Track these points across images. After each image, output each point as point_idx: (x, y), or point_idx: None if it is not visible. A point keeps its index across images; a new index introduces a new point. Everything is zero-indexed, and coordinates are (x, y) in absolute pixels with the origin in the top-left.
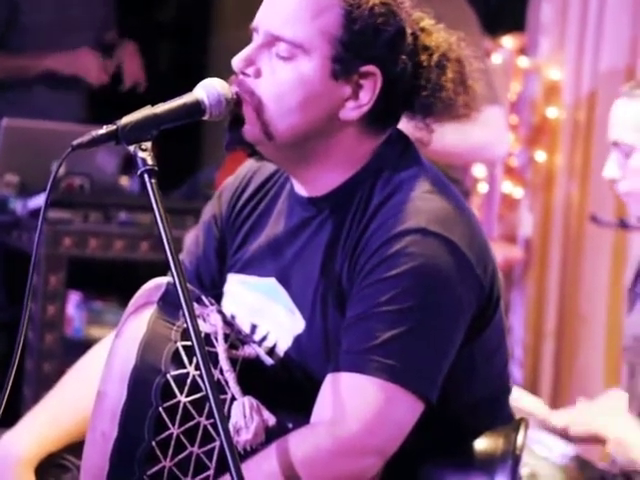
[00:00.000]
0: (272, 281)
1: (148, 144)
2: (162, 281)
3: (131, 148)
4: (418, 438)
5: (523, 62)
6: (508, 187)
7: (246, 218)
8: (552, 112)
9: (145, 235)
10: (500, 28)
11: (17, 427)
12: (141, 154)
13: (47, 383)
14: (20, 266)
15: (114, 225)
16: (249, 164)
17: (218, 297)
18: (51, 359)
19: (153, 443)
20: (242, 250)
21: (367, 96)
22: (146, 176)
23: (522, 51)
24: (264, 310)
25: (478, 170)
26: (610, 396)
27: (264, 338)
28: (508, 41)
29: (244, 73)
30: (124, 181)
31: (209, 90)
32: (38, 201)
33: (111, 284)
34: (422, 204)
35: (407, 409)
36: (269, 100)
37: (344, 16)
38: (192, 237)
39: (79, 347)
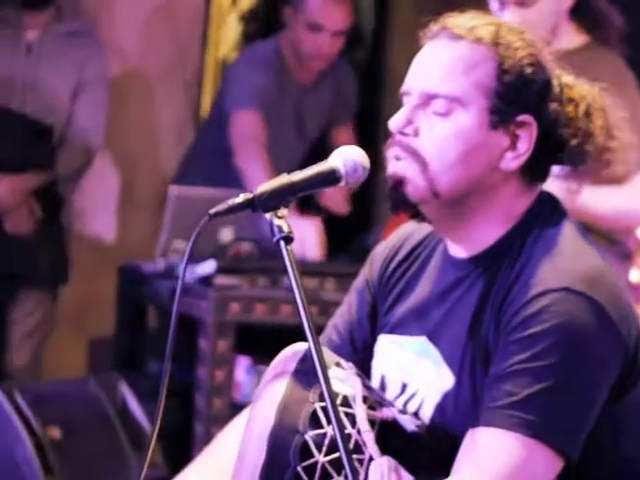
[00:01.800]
0: (423, 340)
1: (284, 211)
2: (300, 347)
3: (267, 215)
4: None
5: None
6: None
7: (397, 281)
8: None
9: (311, 300)
10: None
11: None
12: (277, 221)
13: None
14: (187, 332)
15: (281, 290)
16: (400, 231)
17: (369, 358)
18: (220, 424)
19: None
20: (393, 311)
21: (525, 145)
22: (282, 243)
23: None
24: (414, 368)
25: None
26: None
27: (413, 396)
28: None
29: (403, 133)
30: None
31: (345, 158)
32: (205, 268)
33: (279, 348)
34: (567, 263)
35: (546, 465)
36: (431, 157)
37: (496, 68)
38: (345, 303)
39: None
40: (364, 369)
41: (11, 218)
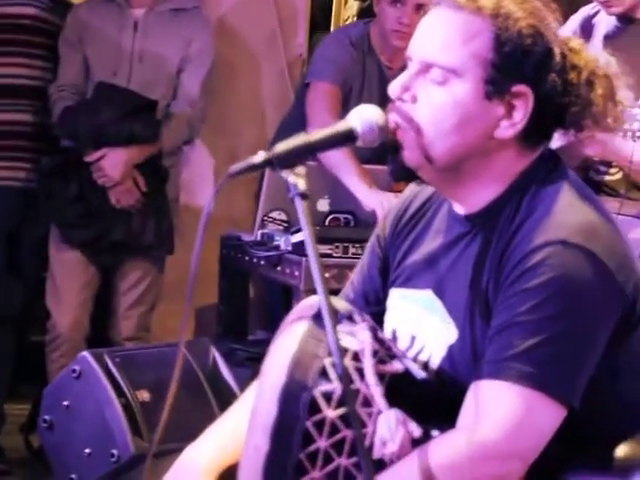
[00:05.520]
0: (429, 293)
1: (301, 169)
2: (315, 300)
3: (284, 173)
4: (561, 445)
5: None
6: None
7: (407, 235)
8: None
9: None
10: None
11: (199, 440)
12: (293, 179)
13: None
14: (287, 300)
15: None
16: (410, 188)
17: (382, 313)
18: None
19: (301, 455)
20: (402, 265)
21: (520, 115)
22: (297, 199)
23: None
24: (422, 322)
25: None
26: None
27: (421, 349)
28: None
29: (401, 99)
30: None
31: (362, 118)
32: (299, 237)
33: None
34: (563, 217)
35: (548, 415)
36: (427, 124)
37: (494, 39)
38: (360, 260)
39: None
40: (378, 323)
41: (116, 191)
